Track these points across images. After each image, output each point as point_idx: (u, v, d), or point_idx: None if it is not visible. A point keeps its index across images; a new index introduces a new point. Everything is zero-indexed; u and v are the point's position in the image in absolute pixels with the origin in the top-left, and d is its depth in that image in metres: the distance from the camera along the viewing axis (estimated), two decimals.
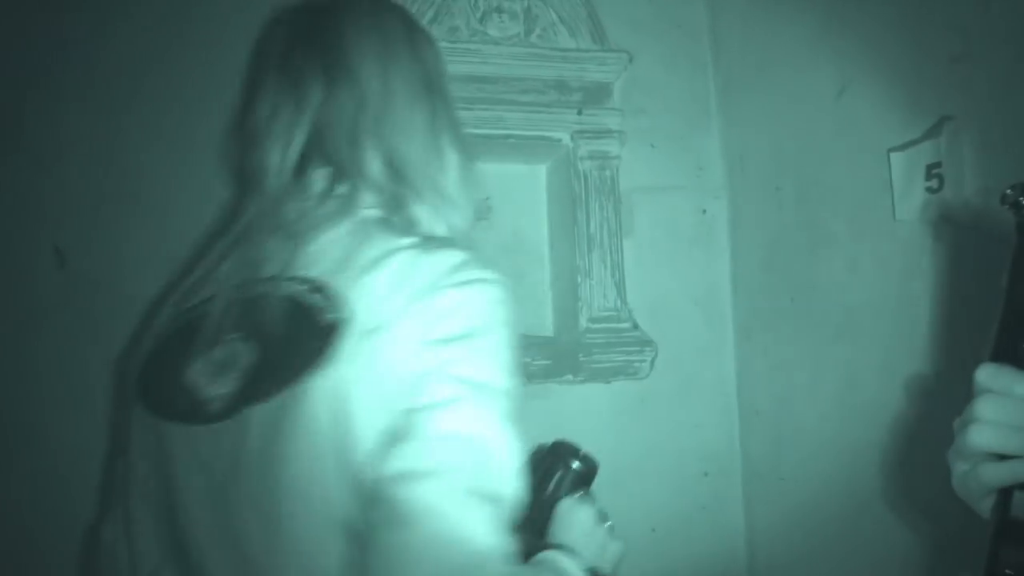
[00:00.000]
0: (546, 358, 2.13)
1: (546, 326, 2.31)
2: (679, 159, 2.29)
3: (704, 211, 2.29)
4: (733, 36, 2.25)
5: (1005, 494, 0.69)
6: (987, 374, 0.71)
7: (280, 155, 1.07)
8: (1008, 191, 0.73)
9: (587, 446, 2.12)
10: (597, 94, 2.25)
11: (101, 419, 1.80)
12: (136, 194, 1.90)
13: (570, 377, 2.14)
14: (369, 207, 1.07)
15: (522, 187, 2.35)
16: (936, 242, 1.56)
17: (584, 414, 2.15)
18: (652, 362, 2.20)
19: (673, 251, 2.26)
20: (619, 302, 2.19)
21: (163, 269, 1.86)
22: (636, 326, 2.20)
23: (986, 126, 1.47)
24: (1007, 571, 0.68)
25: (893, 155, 1.65)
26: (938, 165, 1.56)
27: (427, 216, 1.11)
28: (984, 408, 0.70)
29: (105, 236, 1.87)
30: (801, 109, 1.96)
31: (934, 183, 1.57)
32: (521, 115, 2.18)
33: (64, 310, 1.83)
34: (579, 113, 2.22)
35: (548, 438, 2.11)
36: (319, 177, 1.08)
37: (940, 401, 1.49)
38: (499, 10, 2.20)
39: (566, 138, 2.22)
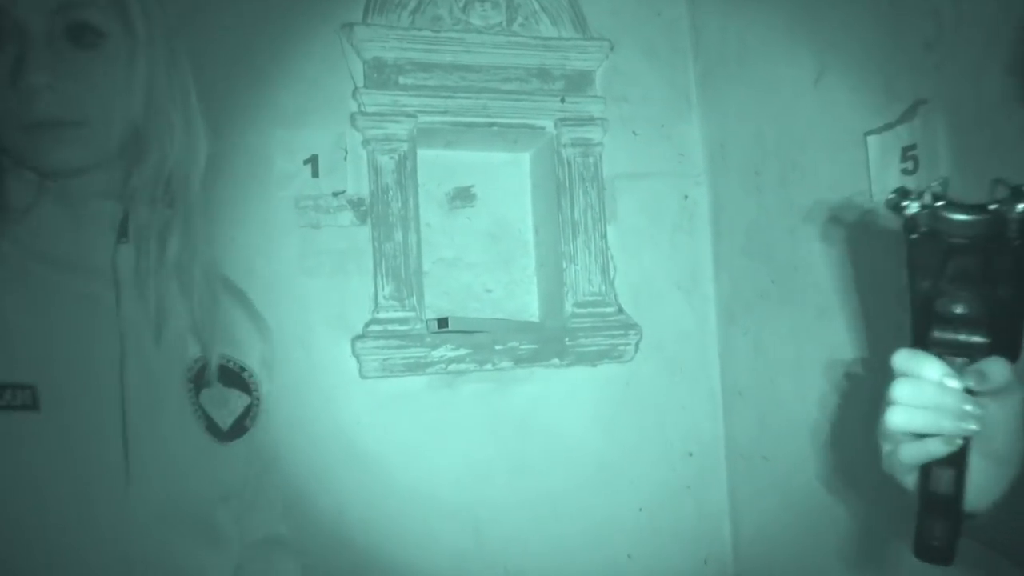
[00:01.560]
0: (532, 343, 2.16)
1: (532, 311, 2.34)
2: (661, 146, 2.33)
3: (686, 197, 2.33)
4: (712, 24, 2.29)
5: (925, 470, 0.76)
6: (901, 359, 0.77)
7: None
8: (891, 195, 0.78)
9: (574, 429, 2.19)
10: (579, 82, 2.28)
11: None
12: None
13: (556, 361, 2.17)
14: None
15: (506, 175, 2.38)
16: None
17: (571, 397, 2.19)
18: (637, 345, 2.24)
19: (656, 236, 2.30)
20: (604, 287, 2.23)
21: None
22: (621, 310, 2.24)
23: (959, 108, 1.52)
24: (933, 542, 0.74)
25: (870, 138, 1.70)
26: (913, 147, 1.61)
27: None
28: (899, 391, 0.76)
29: None
30: (780, 95, 2.00)
31: (909, 165, 1.62)
32: (504, 103, 2.20)
33: None
34: (562, 101, 2.24)
35: (534, 421, 2.17)
36: None
37: None
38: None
39: (549, 125, 2.25)
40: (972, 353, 0.74)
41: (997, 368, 0.73)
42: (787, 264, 1.98)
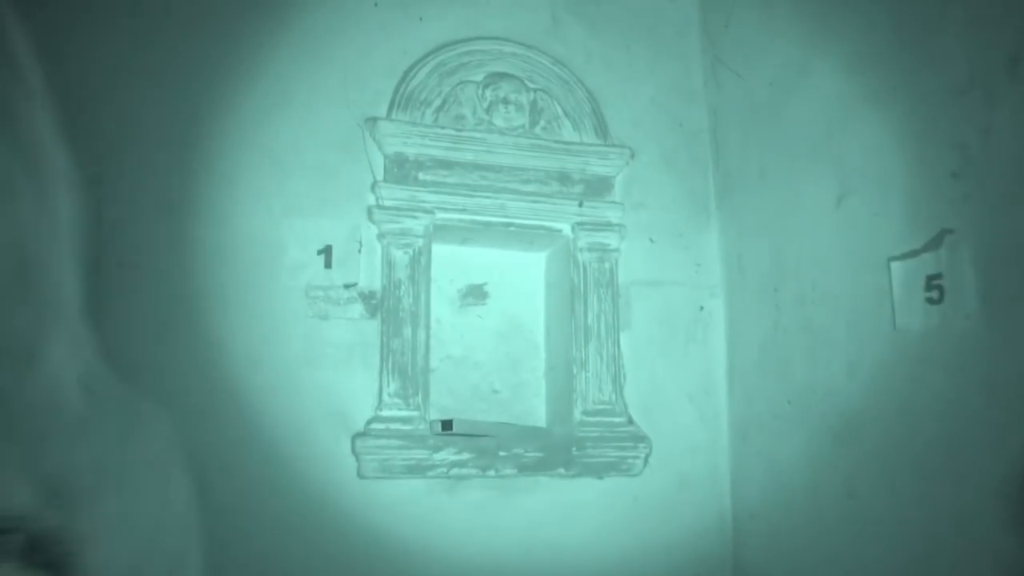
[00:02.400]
0: (538, 450, 2.09)
1: (539, 416, 2.28)
2: (677, 255, 2.31)
3: (701, 308, 2.29)
4: (733, 138, 2.30)
5: None
6: None
7: None
8: None
9: (577, 545, 2.09)
10: (599, 187, 2.28)
11: None
12: (134, 263, 1.89)
13: (562, 471, 2.10)
14: None
15: (520, 275, 2.36)
16: (939, 355, 1.56)
17: (575, 510, 2.10)
18: (646, 459, 2.17)
19: (669, 346, 2.26)
20: (614, 396, 2.17)
21: (152, 337, 1.85)
22: (631, 421, 2.18)
23: (986, 241, 1.49)
24: None
25: (893, 264, 1.67)
26: (939, 276, 1.57)
27: None
28: None
29: (99, 304, 1.85)
30: (800, 213, 1.99)
31: (935, 294, 1.58)
32: (523, 204, 2.20)
33: None
34: (580, 205, 2.24)
35: (536, 535, 2.07)
36: None
37: (947, 526, 1.47)
38: (505, 101, 2.24)
39: (567, 228, 2.24)
40: None
41: None
42: (804, 385, 1.93)
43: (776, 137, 2.12)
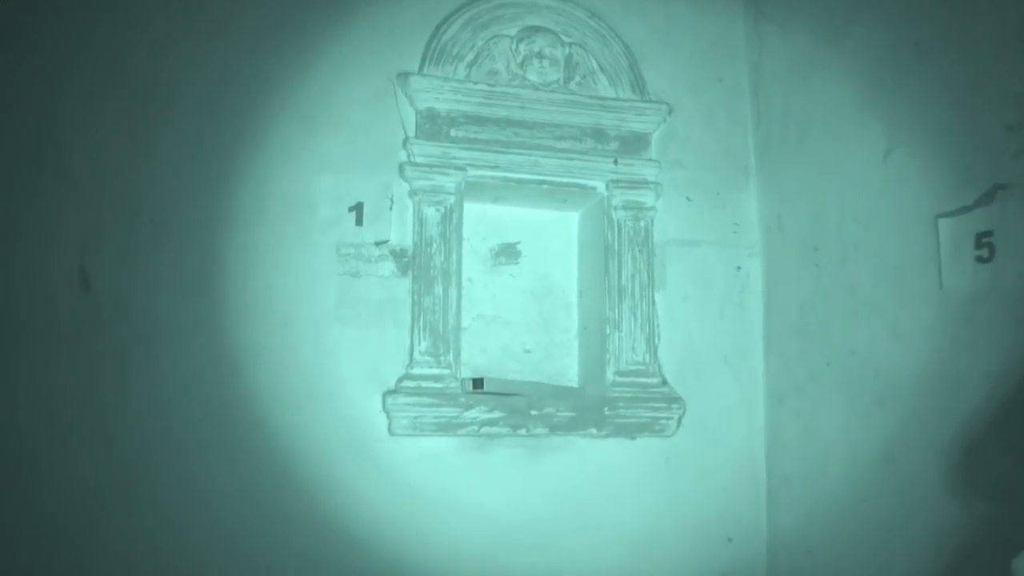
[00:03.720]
0: (570, 410, 2.07)
1: (571, 376, 2.26)
2: (715, 215, 2.25)
3: (739, 268, 2.24)
4: (775, 94, 2.22)
5: None
6: None
7: None
8: None
9: (607, 504, 2.07)
10: (634, 144, 2.23)
11: (116, 440, 1.78)
12: (166, 220, 1.89)
13: (594, 431, 2.08)
14: None
15: (553, 233, 2.32)
16: (988, 316, 1.50)
17: (606, 471, 2.08)
18: (679, 420, 2.14)
19: (705, 307, 2.21)
20: (648, 356, 2.14)
21: (183, 294, 1.85)
22: (664, 382, 2.14)
23: None
24: None
25: (941, 221, 1.60)
26: (990, 234, 1.51)
27: None
28: None
29: (131, 260, 1.86)
30: (844, 170, 1.92)
31: (985, 252, 1.52)
32: (556, 161, 2.16)
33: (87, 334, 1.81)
34: (615, 162, 2.19)
35: (566, 494, 2.06)
36: None
37: (990, 492, 1.42)
38: (540, 56, 2.19)
39: (601, 186, 2.19)
40: None
41: None
42: (844, 348, 1.87)
43: (820, 92, 2.04)
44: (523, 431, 2.03)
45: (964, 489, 1.50)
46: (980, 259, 1.52)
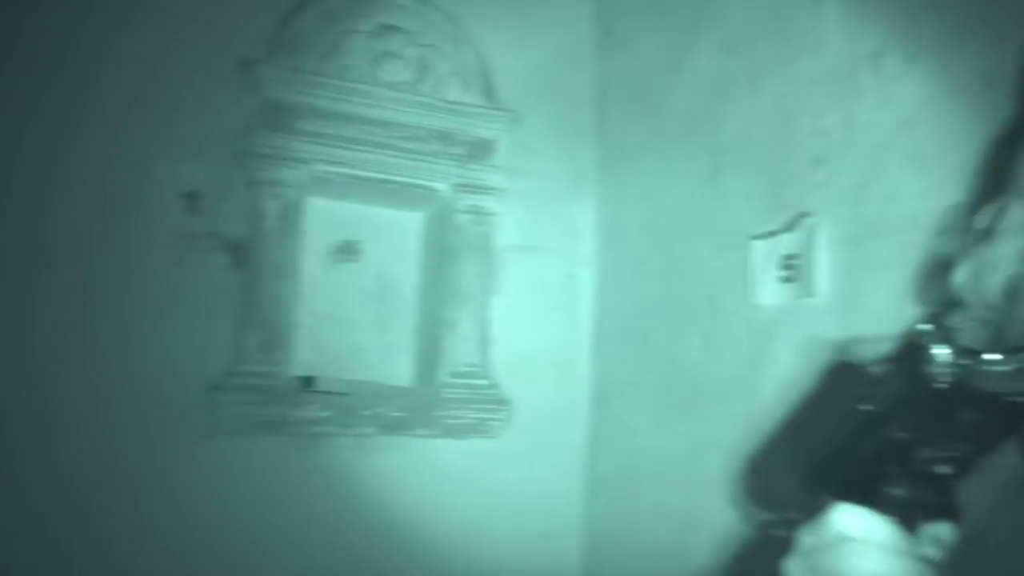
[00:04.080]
0: (401, 410, 2.08)
1: (404, 376, 2.26)
2: (553, 223, 2.33)
3: (572, 276, 2.32)
4: (618, 111, 2.32)
5: None
6: (852, 520, 0.63)
7: None
8: (922, 330, 0.62)
9: (433, 505, 2.10)
10: (481, 150, 2.26)
11: None
12: None
13: (424, 431, 2.10)
14: None
15: (397, 233, 2.32)
16: (787, 331, 1.63)
17: (435, 470, 2.11)
18: (507, 421, 2.19)
19: (539, 312, 2.28)
20: (481, 359, 2.18)
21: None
22: (495, 384, 2.19)
23: (841, 225, 1.56)
24: None
25: (753, 242, 1.73)
26: (793, 256, 1.64)
27: None
28: (857, 565, 0.62)
29: None
30: (674, 188, 2.03)
31: (789, 273, 1.65)
32: (404, 162, 2.16)
33: None
34: (461, 167, 2.22)
35: (393, 494, 2.07)
36: None
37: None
38: (393, 55, 2.19)
39: (446, 189, 2.21)
40: (927, 516, 0.64)
41: (950, 533, 0.64)
42: (662, 355, 1.99)
43: (658, 112, 2.15)
44: (353, 431, 2.02)
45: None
46: (784, 279, 1.65)
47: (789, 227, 1.65)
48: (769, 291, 1.69)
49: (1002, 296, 0.81)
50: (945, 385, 0.58)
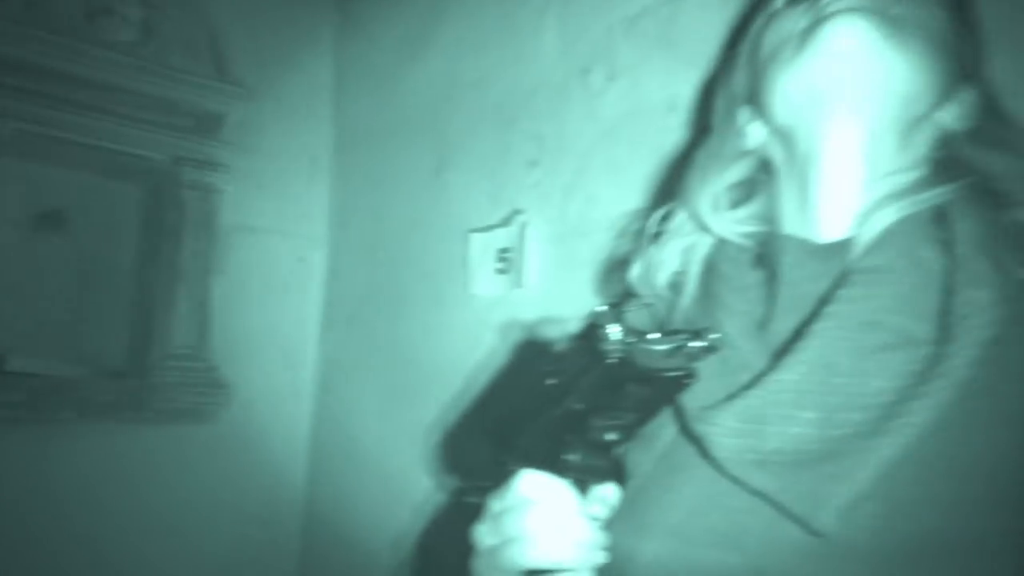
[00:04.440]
0: (107, 393, 1.95)
1: (115, 359, 2.12)
2: (284, 204, 2.29)
3: (302, 259, 2.30)
4: (355, 98, 2.34)
5: None
6: (533, 484, 0.69)
7: None
8: (599, 312, 0.66)
9: (146, 495, 2.00)
10: (209, 124, 2.17)
11: None
12: None
13: (133, 416, 1.99)
14: None
15: (109, 205, 2.16)
16: (501, 319, 1.75)
17: (146, 456, 2.01)
18: (226, 405, 2.13)
19: (265, 295, 2.24)
20: (200, 341, 2.10)
21: None
22: (213, 367, 2.12)
23: (550, 223, 1.69)
24: None
25: (472, 236, 1.83)
26: (508, 250, 1.76)
27: None
28: (534, 521, 0.68)
29: None
30: (405, 179, 2.09)
31: (503, 265, 1.76)
32: (120, 129, 2.03)
33: None
34: (184, 139, 2.11)
35: (100, 486, 1.94)
36: None
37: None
38: (112, 12, 2.03)
39: (165, 161, 2.10)
40: (597, 479, 0.72)
41: (616, 494, 0.73)
42: (388, 341, 2.04)
43: (392, 102, 2.19)
44: (51, 416, 1.87)
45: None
46: (499, 271, 1.77)
47: (505, 223, 1.77)
48: (485, 282, 1.79)
49: (667, 288, 0.95)
50: (615, 361, 0.64)
